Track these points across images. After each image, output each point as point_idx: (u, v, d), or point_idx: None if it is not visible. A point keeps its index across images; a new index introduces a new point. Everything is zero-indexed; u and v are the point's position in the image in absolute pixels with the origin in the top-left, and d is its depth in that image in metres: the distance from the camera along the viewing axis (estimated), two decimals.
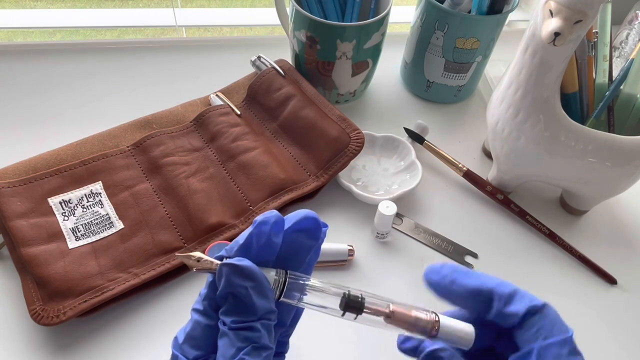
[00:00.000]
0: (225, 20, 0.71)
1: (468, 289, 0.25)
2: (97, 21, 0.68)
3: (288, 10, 0.58)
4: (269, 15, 0.71)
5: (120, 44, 0.65)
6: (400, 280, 0.46)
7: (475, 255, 0.48)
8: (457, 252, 0.48)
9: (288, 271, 0.24)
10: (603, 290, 0.47)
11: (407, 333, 0.25)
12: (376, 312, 0.25)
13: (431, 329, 0.25)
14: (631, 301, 0.46)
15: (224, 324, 0.22)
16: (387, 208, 0.45)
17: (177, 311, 0.42)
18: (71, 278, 0.40)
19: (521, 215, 0.51)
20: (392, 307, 0.25)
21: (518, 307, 0.24)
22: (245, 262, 0.23)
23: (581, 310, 0.45)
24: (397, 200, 0.48)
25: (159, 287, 0.43)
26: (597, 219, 0.52)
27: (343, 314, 0.24)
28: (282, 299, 0.24)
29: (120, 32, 1.17)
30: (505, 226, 0.51)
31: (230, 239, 0.45)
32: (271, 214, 0.24)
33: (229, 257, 0.23)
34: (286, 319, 0.26)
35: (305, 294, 0.24)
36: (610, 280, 0.47)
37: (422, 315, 0.25)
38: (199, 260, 0.23)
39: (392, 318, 0.25)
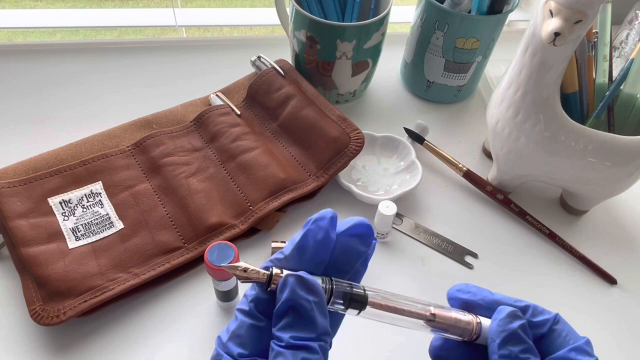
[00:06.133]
0: (225, 20, 0.71)
1: (498, 304, 0.26)
2: (97, 21, 0.68)
3: (288, 10, 0.58)
4: (269, 15, 0.71)
5: (120, 44, 0.65)
6: (400, 280, 0.46)
7: (475, 255, 0.48)
8: (457, 252, 0.48)
9: (333, 278, 0.24)
10: (603, 290, 0.47)
11: (446, 336, 0.25)
12: (417, 316, 0.24)
13: (472, 330, 0.25)
14: (631, 301, 0.46)
15: (281, 340, 0.22)
16: (387, 208, 0.45)
17: (177, 311, 0.42)
18: (71, 278, 0.40)
19: (521, 215, 0.51)
20: (433, 310, 0.25)
21: (546, 317, 0.26)
22: (309, 276, 0.22)
23: (581, 310, 0.45)
24: (397, 200, 0.48)
25: (159, 287, 0.43)
26: (597, 219, 0.52)
27: (346, 309, 0.24)
28: (328, 306, 0.23)
29: (120, 32, 1.17)
30: (505, 226, 0.51)
31: (231, 239, 0.45)
32: (326, 210, 0.24)
33: (284, 258, 0.23)
34: (334, 329, 0.26)
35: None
36: (610, 280, 0.47)
37: (461, 316, 0.25)
38: (245, 270, 0.22)
39: (433, 321, 0.24)
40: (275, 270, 0.22)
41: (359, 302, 0.23)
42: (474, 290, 0.27)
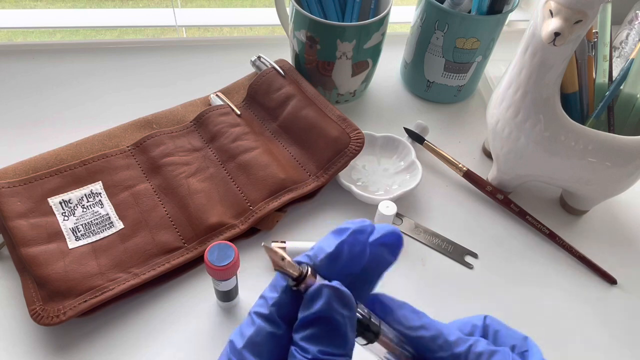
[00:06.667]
0: (225, 20, 0.71)
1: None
2: (97, 21, 0.68)
3: (288, 10, 0.58)
4: (269, 15, 0.71)
5: (120, 44, 0.65)
6: (400, 281, 0.46)
7: (475, 255, 0.48)
8: (457, 252, 0.48)
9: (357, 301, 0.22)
10: (603, 290, 0.47)
11: None
12: None
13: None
14: (631, 301, 0.46)
15: (306, 352, 0.20)
16: (387, 208, 0.45)
17: (177, 311, 0.42)
18: (71, 278, 0.40)
19: (521, 215, 0.51)
20: None
21: (453, 352, 0.22)
22: (344, 288, 0.21)
23: (581, 310, 0.45)
24: (397, 200, 0.48)
25: (159, 287, 0.43)
26: (597, 219, 0.52)
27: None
28: None
29: (120, 32, 1.17)
30: (505, 226, 0.51)
31: (231, 239, 0.45)
32: (365, 222, 0.22)
33: (315, 264, 0.21)
34: None
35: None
36: (610, 280, 0.47)
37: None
38: (283, 259, 0.21)
39: None
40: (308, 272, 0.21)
41: (371, 333, 0.22)
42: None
